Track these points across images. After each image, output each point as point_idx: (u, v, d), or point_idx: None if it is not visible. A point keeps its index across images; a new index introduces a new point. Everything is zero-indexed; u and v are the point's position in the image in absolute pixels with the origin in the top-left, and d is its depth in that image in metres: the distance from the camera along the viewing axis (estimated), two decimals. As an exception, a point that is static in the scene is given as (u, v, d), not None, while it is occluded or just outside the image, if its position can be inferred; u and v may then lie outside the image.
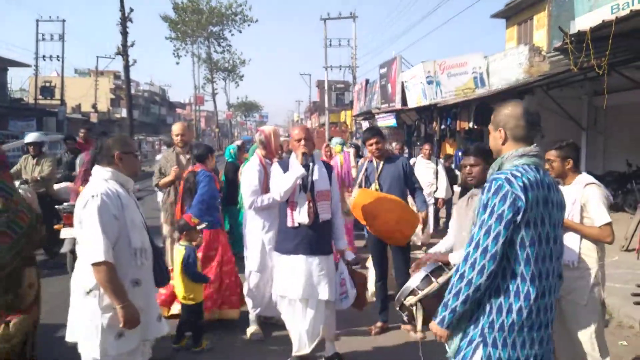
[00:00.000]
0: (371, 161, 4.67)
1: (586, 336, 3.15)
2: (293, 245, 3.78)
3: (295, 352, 3.85)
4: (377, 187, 4.50)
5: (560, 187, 3.36)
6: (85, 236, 2.55)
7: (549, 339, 2.15)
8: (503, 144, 2.22)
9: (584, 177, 3.31)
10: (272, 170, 3.97)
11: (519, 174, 2.04)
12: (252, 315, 4.54)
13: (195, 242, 4.30)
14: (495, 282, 2.07)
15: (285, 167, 3.85)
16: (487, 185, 2.09)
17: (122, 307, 2.52)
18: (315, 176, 3.82)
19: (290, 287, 3.78)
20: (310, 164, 3.76)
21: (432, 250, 3.35)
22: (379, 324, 4.64)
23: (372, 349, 4.36)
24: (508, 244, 2.03)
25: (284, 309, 3.93)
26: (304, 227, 3.75)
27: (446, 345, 2.25)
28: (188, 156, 5.44)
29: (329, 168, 4.09)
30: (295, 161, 3.82)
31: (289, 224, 3.78)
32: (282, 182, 3.73)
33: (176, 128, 5.50)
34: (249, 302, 4.51)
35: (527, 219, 2.01)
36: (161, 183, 5.39)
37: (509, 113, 2.21)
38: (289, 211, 3.79)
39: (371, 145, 4.53)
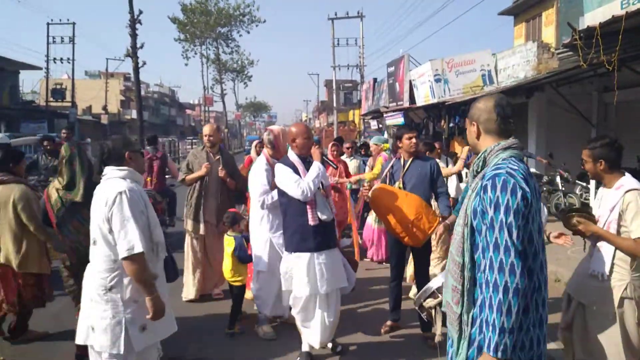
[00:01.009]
0: (399, 159, 4.63)
1: (613, 350, 2.95)
2: (316, 242, 3.83)
3: (320, 344, 3.94)
4: (401, 185, 4.47)
5: (601, 189, 3.22)
6: (120, 230, 2.58)
7: (546, 338, 2.08)
8: (477, 138, 2.19)
9: (628, 181, 3.00)
10: (277, 169, 3.95)
11: (515, 167, 1.98)
12: (261, 315, 4.58)
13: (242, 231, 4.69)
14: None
15: (291, 166, 3.88)
16: (487, 183, 1.95)
17: (153, 297, 2.58)
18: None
19: (319, 283, 3.83)
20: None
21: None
22: (389, 322, 4.64)
23: (381, 347, 4.36)
24: None
25: (302, 306, 3.92)
26: (323, 223, 3.85)
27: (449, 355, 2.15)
28: (218, 156, 5.57)
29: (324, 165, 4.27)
30: (296, 158, 3.94)
31: (311, 222, 3.80)
32: (310, 180, 3.78)
33: (206, 129, 5.69)
34: (257, 301, 4.54)
35: (529, 213, 1.93)
36: (189, 178, 5.48)
37: (481, 107, 2.18)
38: (309, 210, 3.81)
39: (410, 139, 4.47)
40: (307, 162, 3.95)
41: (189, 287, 5.47)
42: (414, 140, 4.48)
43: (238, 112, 71.61)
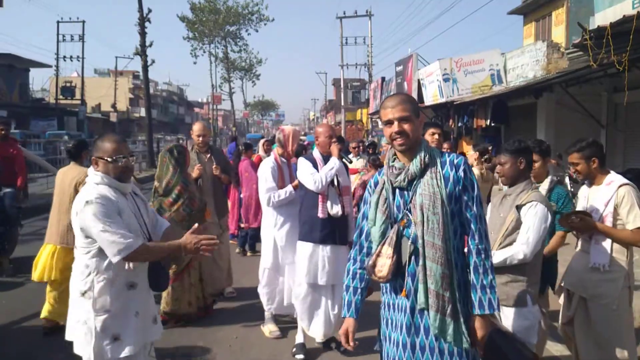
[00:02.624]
0: None
1: (615, 339, 3.06)
2: (322, 235, 3.98)
3: (321, 337, 4.09)
4: None
5: (590, 188, 3.29)
6: (100, 242, 2.48)
7: None
8: (420, 130, 2.30)
9: (617, 177, 3.14)
10: (299, 163, 4.13)
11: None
12: (267, 314, 4.59)
13: None
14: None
15: (312, 161, 4.06)
16: (465, 167, 2.20)
17: (183, 248, 2.51)
18: (340, 172, 4.09)
19: (319, 274, 3.98)
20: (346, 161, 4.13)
21: None
22: None
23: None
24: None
25: (303, 296, 4.06)
26: (332, 218, 3.98)
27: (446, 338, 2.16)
28: (208, 155, 5.51)
29: (346, 165, 4.34)
30: (319, 155, 4.10)
31: (320, 214, 3.96)
32: (324, 173, 3.94)
33: (198, 129, 5.48)
34: (263, 299, 4.56)
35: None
36: None
37: (416, 101, 2.31)
38: (320, 203, 3.97)
39: (433, 134, 4.38)
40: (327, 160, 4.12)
41: None
42: (436, 136, 4.36)
43: (246, 110, 71.72)
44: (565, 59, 10.56)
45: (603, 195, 3.10)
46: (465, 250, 2.22)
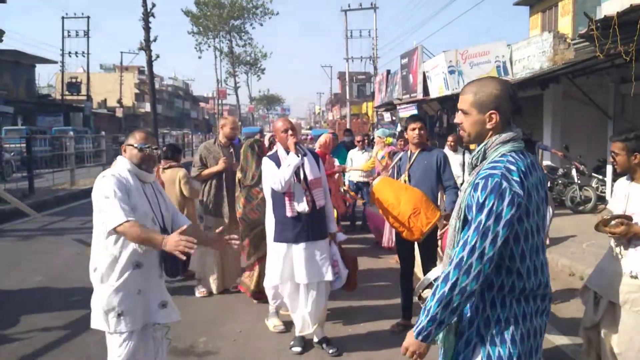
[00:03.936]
0: (406, 151, 4.58)
1: None
2: (294, 234, 3.93)
3: (298, 332, 4.10)
4: (407, 178, 4.39)
5: (627, 183, 3.07)
6: (101, 208, 2.64)
7: (545, 327, 2.03)
8: (492, 129, 1.97)
9: None
10: (263, 163, 4.08)
11: (513, 167, 1.86)
12: (272, 308, 4.59)
13: None
14: (488, 278, 1.90)
15: (275, 160, 3.99)
16: (479, 181, 1.86)
17: (163, 245, 2.54)
18: (306, 165, 4.01)
19: (296, 273, 3.96)
20: (300, 154, 3.95)
21: None
22: (402, 321, 4.55)
23: (391, 344, 4.34)
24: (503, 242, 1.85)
25: (288, 294, 4.10)
26: (302, 215, 3.92)
27: (440, 351, 2.08)
28: (231, 149, 5.54)
29: (316, 156, 4.28)
30: (283, 152, 4.00)
31: (288, 213, 3.92)
32: (282, 172, 3.86)
33: (231, 122, 5.58)
34: (269, 294, 4.55)
35: (522, 213, 1.85)
36: (205, 174, 5.39)
37: (500, 94, 1.94)
38: (287, 201, 3.92)
39: (413, 130, 4.36)
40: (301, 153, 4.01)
41: (208, 283, 5.47)
42: (416, 131, 4.35)
43: (251, 105, 71.79)
44: (571, 50, 10.45)
45: None
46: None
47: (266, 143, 8.01)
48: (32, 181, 12.31)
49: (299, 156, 3.89)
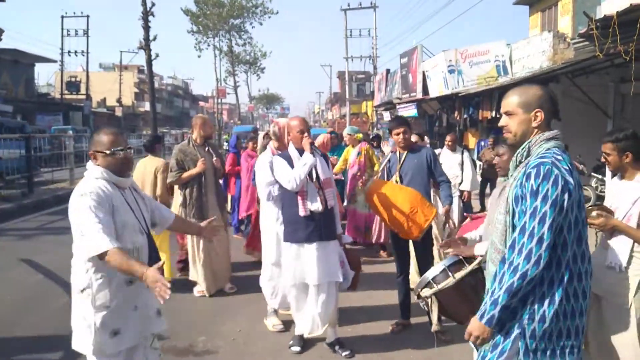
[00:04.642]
0: (395, 152, 4.61)
1: (628, 341, 2.93)
2: (306, 233, 3.90)
3: (307, 333, 4.04)
4: (398, 179, 4.42)
5: (615, 181, 3.18)
6: (82, 232, 2.44)
7: (584, 327, 2.10)
8: (537, 127, 2.10)
9: None
10: (274, 162, 4.04)
11: (561, 158, 1.99)
12: (269, 307, 4.59)
13: None
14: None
15: (287, 159, 3.96)
16: (531, 170, 1.97)
17: (142, 277, 2.35)
18: (318, 165, 3.99)
19: (307, 274, 3.92)
20: (317, 154, 3.96)
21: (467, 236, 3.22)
22: (400, 321, 4.55)
23: (391, 345, 4.34)
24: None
25: (294, 294, 4.06)
26: (315, 215, 3.90)
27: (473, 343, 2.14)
28: (207, 148, 5.47)
29: (325, 157, 4.28)
30: (295, 152, 3.98)
31: (301, 213, 3.88)
32: (297, 171, 3.83)
33: (202, 120, 5.49)
34: (266, 293, 4.55)
35: (572, 203, 1.96)
36: (185, 177, 5.25)
37: (541, 94, 2.11)
38: (299, 201, 3.88)
39: (398, 134, 4.42)
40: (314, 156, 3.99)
41: (201, 282, 5.43)
42: (401, 135, 4.41)
43: (251, 104, 71.66)
44: (571, 49, 10.45)
45: (632, 192, 2.95)
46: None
47: (260, 140, 8.01)
48: (31, 180, 12.30)
49: (314, 157, 3.90)
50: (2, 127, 14.49)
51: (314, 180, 3.95)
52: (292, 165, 3.90)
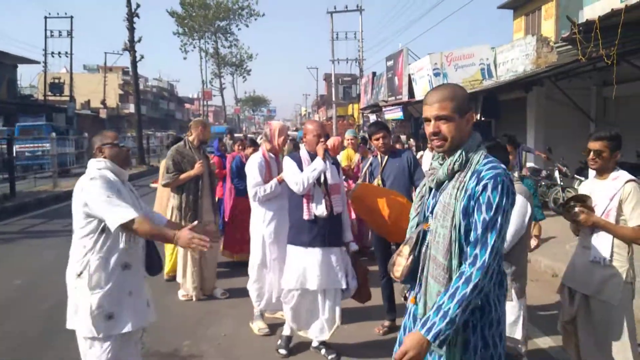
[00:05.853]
0: (376, 156, 4.64)
1: (617, 338, 3.00)
2: (310, 237, 3.86)
3: (315, 337, 4.03)
4: (380, 182, 4.46)
5: (591, 182, 3.28)
6: (103, 209, 2.57)
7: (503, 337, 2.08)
8: (469, 131, 1.98)
9: (623, 172, 3.07)
10: (285, 163, 4.03)
11: (502, 166, 1.92)
12: (256, 310, 4.56)
13: None
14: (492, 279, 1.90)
15: (297, 161, 3.95)
16: (487, 182, 1.85)
17: (176, 240, 2.53)
18: (328, 170, 3.95)
19: (308, 279, 3.86)
20: (328, 161, 3.94)
21: None
22: (386, 323, 4.56)
23: (377, 347, 4.33)
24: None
25: (294, 300, 3.97)
26: (319, 219, 3.85)
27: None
28: (202, 151, 5.47)
29: (337, 162, 4.22)
30: (306, 155, 3.96)
31: (305, 216, 3.84)
32: (305, 175, 3.81)
33: (200, 124, 5.43)
34: (253, 295, 4.52)
35: None
36: (182, 178, 5.17)
37: (467, 95, 2.02)
38: (304, 204, 3.85)
39: (377, 139, 4.48)
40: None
41: (189, 288, 5.36)
42: (381, 140, 4.47)
43: (237, 106, 71.54)
44: (554, 53, 10.57)
45: (608, 190, 3.04)
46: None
47: (257, 141, 7.95)
48: (13, 184, 12.11)
49: (325, 163, 3.87)
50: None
51: (321, 185, 3.90)
52: (301, 168, 3.89)
